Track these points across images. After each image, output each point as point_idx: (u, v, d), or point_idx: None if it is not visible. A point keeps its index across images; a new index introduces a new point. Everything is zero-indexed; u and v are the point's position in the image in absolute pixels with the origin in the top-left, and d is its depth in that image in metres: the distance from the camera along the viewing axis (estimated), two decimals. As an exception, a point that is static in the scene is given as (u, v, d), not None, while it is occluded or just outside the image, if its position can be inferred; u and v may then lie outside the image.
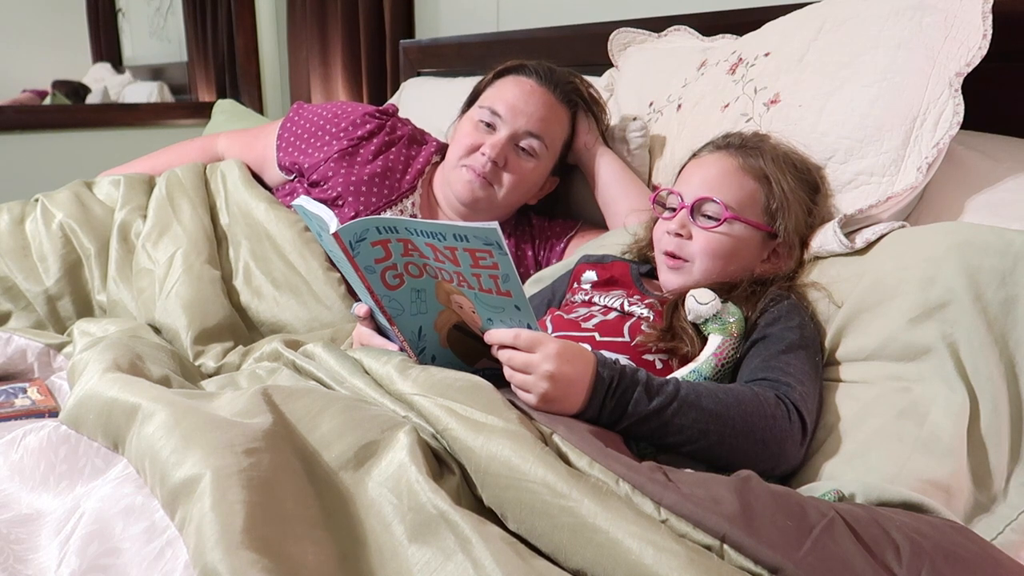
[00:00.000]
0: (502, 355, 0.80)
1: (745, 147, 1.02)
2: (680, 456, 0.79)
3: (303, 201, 0.86)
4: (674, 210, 1.00)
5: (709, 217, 0.98)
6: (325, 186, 1.43)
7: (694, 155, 1.07)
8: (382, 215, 1.27)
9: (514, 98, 1.34)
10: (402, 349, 0.90)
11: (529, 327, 0.79)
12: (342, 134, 1.48)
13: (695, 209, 0.98)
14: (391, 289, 0.84)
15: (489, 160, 1.33)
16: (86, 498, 0.72)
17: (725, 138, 1.06)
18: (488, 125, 1.35)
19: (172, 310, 1.25)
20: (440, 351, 0.90)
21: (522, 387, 0.78)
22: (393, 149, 1.48)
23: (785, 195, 0.98)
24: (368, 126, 1.48)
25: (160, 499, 0.66)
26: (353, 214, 1.40)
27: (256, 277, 1.35)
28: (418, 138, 1.53)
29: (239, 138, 1.66)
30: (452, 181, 1.39)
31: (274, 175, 1.56)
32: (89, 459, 0.79)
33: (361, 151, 1.46)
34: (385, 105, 1.57)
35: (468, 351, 0.89)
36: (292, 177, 1.53)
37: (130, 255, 1.38)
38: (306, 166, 1.48)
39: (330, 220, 0.80)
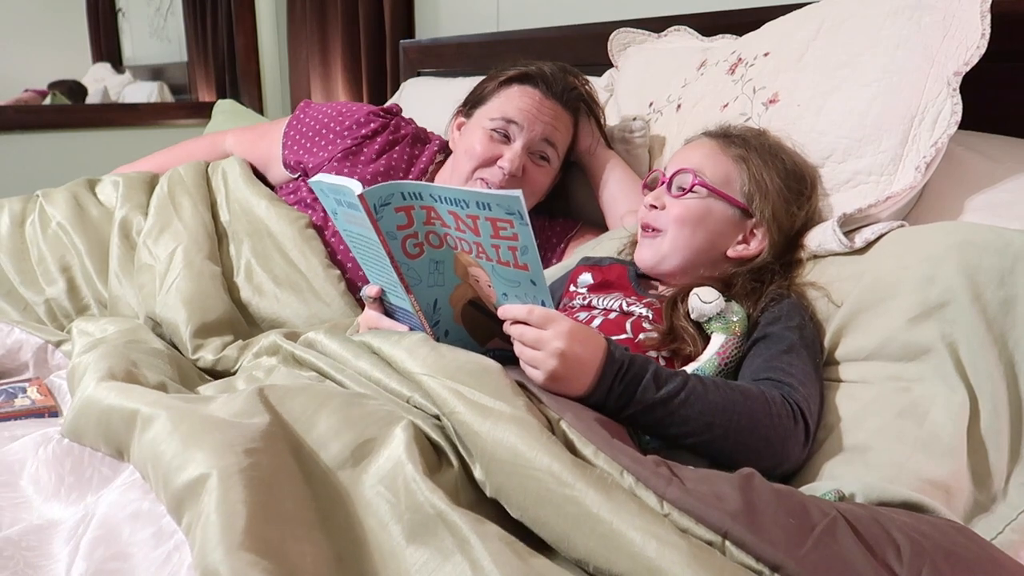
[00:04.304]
0: (514, 330, 0.79)
1: (729, 135, 1.06)
2: (683, 450, 0.80)
3: (321, 177, 0.86)
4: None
5: (682, 188, 1.02)
6: (327, 185, 1.43)
7: (685, 143, 1.12)
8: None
9: (527, 106, 1.33)
10: (412, 329, 0.89)
11: (543, 304, 0.79)
12: (346, 132, 1.48)
13: (671, 183, 1.03)
14: (411, 258, 0.84)
15: (507, 174, 1.31)
16: (96, 507, 0.72)
17: (714, 128, 1.10)
18: (503, 134, 1.33)
19: (172, 305, 1.25)
20: (453, 326, 0.89)
21: (531, 363, 0.78)
22: (396, 148, 1.48)
23: (763, 178, 1.01)
24: (372, 125, 1.49)
25: (165, 503, 0.66)
26: (354, 214, 1.39)
27: (257, 274, 1.35)
28: (422, 137, 1.53)
29: (246, 135, 1.67)
30: None
31: (278, 173, 1.56)
32: (96, 469, 0.79)
33: (364, 150, 1.46)
34: (388, 104, 1.58)
35: (480, 329, 0.89)
36: (296, 176, 1.53)
37: (132, 252, 1.38)
38: (310, 165, 1.48)
39: (354, 186, 0.80)
